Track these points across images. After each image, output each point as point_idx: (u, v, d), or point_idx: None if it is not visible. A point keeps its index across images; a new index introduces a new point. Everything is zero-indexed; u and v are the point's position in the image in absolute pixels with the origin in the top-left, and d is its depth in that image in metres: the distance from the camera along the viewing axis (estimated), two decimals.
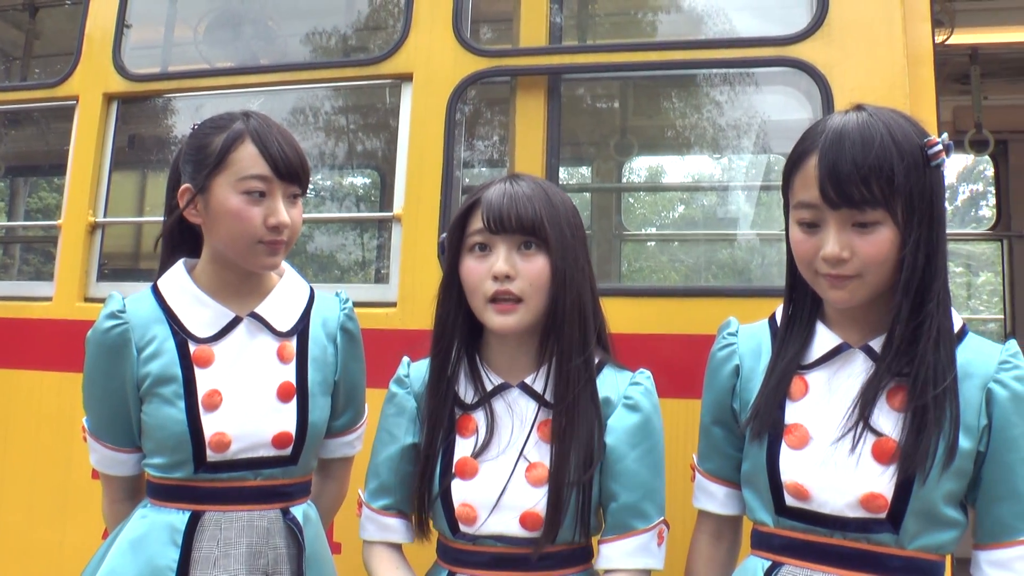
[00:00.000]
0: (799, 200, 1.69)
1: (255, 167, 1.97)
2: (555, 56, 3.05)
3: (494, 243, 1.87)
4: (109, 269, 3.58)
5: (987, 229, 7.00)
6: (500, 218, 1.84)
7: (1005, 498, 1.64)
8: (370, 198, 7.49)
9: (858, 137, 1.62)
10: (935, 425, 1.60)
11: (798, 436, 1.73)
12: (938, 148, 1.64)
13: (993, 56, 5.45)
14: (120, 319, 2.02)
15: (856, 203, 1.60)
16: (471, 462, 1.90)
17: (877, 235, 1.62)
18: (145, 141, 4.90)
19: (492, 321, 1.87)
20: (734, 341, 1.93)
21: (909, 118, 1.70)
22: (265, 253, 2.01)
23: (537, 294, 1.86)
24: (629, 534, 1.88)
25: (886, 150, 1.60)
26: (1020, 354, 1.69)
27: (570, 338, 1.88)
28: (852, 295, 1.67)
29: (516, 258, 1.86)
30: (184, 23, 4.33)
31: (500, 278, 1.84)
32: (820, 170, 1.63)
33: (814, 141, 1.68)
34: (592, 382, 1.91)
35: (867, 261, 1.63)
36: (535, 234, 1.85)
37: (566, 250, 1.87)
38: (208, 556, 1.96)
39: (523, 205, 1.85)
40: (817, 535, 1.70)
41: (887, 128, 1.63)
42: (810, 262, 1.69)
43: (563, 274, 1.86)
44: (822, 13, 2.73)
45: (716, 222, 6.15)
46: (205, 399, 1.99)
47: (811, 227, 1.68)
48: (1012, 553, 1.64)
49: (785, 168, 1.78)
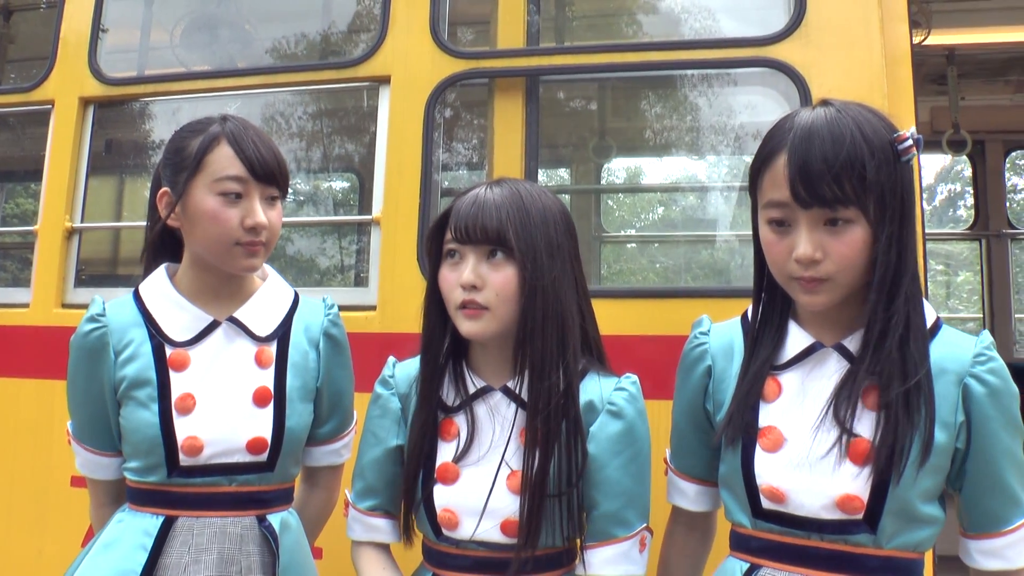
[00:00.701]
0: (769, 199, 1.67)
1: (230, 168, 1.96)
2: (533, 58, 3.04)
3: (464, 252, 1.86)
4: (87, 275, 3.56)
5: (965, 229, 7.06)
6: (466, 228, 1.84)
7: (992, 490, 1.66)
8: (349, 202, 7.47)
9: (828, 134, 1.59)
10: (907, 421, 1.60)
11: (772, 439, 1.72)
12: (908, 143, 1.62)
13: (970, 57, 5.50)
14: (99, 322, 2.02)
15: (828, 202, 1.58)
16: (452, 467, 1.89)
17: (849, 234, 1.60)
18: (122, 145, 4.86)
19: (461, 327, 1.87)
20: (706, 340, 1.92)
21: (878, 112, 1.68)
22: (243, 255, 1.99)
23: (503, 304, 1.83)
24: (610, 542, 1.87)
25: (857, 147, 1.58)
26: (994, 346, 1.69)
27: (544, 347, 1.84)
28: (827, 298, 1.65)
29: (484, 267, 1.84)
30: (160, 27, 4.30)
31: (466, 288, 1.83)
32: (790, 169, 1.60)
33: (782, 139, 1.65)
34: (572, 390, 1.87)
35: (840, 262, 1.61)
36: (501, 243, 1.83)
37: (536, 259, 1.83)
38: (179, 562, 1.95)
39: (489, 215, 1.83)
40: (794, 537, 1.70)
41: (856, 124, 1.61)
42: (783, 265, 1.67)
43: (532, 283, 1.83)
44: (800, 14, 2.74)
45: (695, 223, 6.17)
46: (178, 403, 1.98)
47: (781, 226, 1.66)
48: (1003, 542, 1.67)
49: (753, 166, 1.75)
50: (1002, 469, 1.65)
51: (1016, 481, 1.66)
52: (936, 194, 20.17)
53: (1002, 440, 1.64)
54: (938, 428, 1.63)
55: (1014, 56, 5.58)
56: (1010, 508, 1.66)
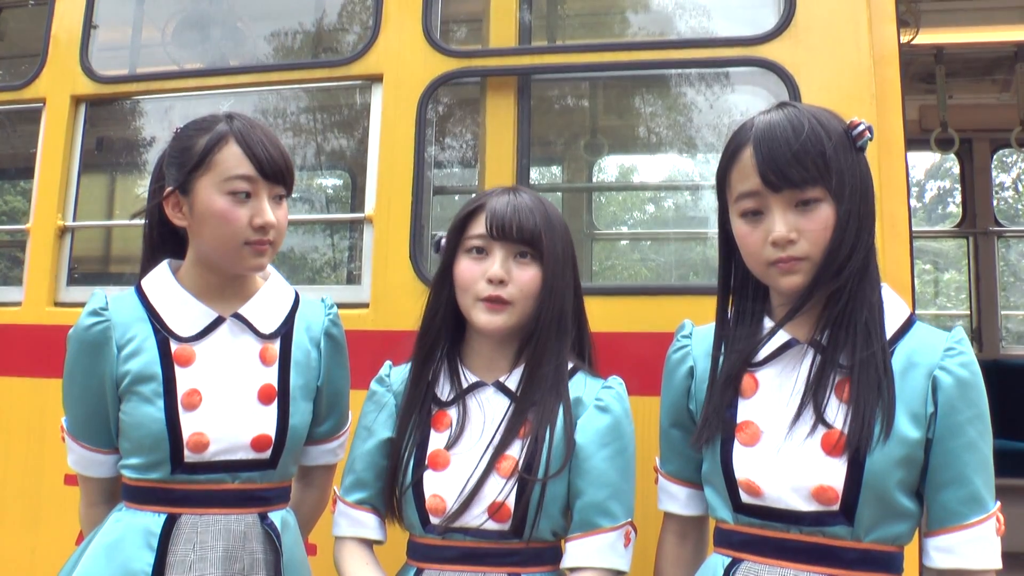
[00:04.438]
0: (740, 192, 1.76)
1: (240, 167, 1.97)
2: (525, 57, 3.06)
3: (492, 248, 1.96)
4: (79, 273, 3.55)
5: (953, 226, 7.10)
6: (503, 225, 1.94)
7: (950, 484, 1.67)
8: (341, 199, 7.47)
9: (787, 124, 1.71)
10: (865, 392, 1.65)
11: (749, 433, 1.77)
12: (861, 127, 1.74)
13: (957, 56, 5.53)
14: (102, 316, 2.01)
15: (796, 182, 1.67)
16: (443, 453, 1.95)
17: (819, 212, 1.69)
18: (114, 143, 4.85)
19: (479, 318, 1.95)
20: (688, 343, 1.97)
21: (832, 111, 1.79)
22: (251, 255, 2.00)
23: (525, 300, 1.95)
24: (595, 532, 1.90)
25: (815, 132, 1.70)
26: (965, 340, 1.73)
27: (546, 343, 1.96)
28: (804, 279, 1.70)
29: (511, 265, 1.95)
30: (152, 24, 4.29)
31: (495, 282, 1.93)
32: (757, 157, 1.71)
33: (745, 136, 1.76)
34: (563, 382, 1.97)
35: (813, 239, 1.68)
36: (532, 245, 1.95)
37: (556, 264, 1.97)
38: (184, 560, 1.95)
39: (526, 216, 1.95)
40: (774, 530, 1.73)
41: (812, 116, 1.73)
42: (759, 253, 1.74)
43: (551, 285, 1.96)
44: (789, 14, 2.76)
45: (686, 221, 6.18)
46: (185, 398, 1.98)
47: (755, 215, 1.74)
48: (958, 538, 1.66)
49: (720, 167, 1.84)
50: (962, 462, 1.66)
51: (979, 477, 1.66)
52: (926, 191, 20.24)
53: (967, 433, 1.66)
54: (909, 420, 1.66)
55: (1001, 55, 5.62)
56: (969, 504, 1.66)
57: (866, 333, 1.69)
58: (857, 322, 1.70)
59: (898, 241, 2.58)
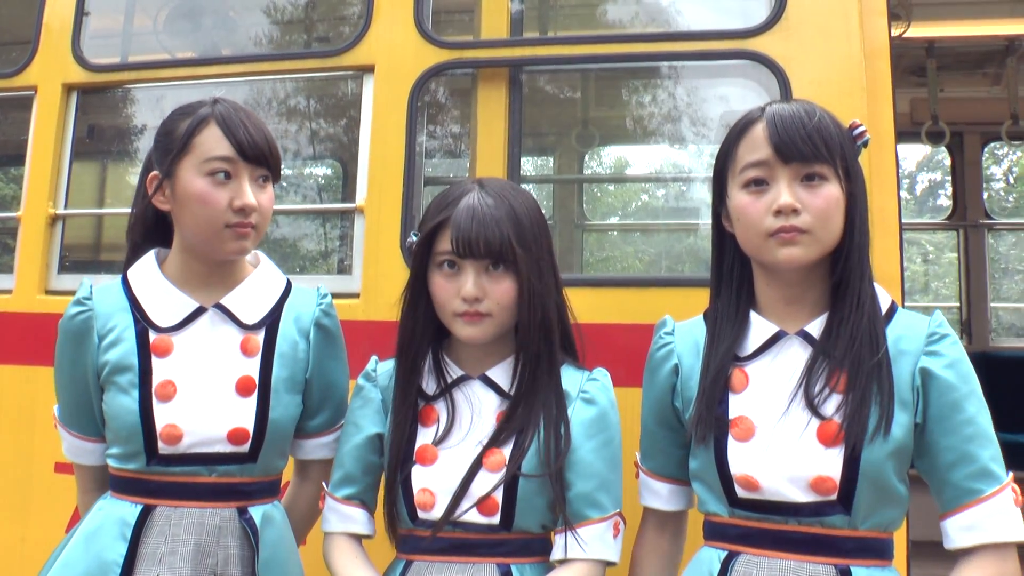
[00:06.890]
0: (747, 162, 1.78)
1: (219, 148, 1.95)
2: (516, 48, 3.06)
3: (463, 265, 1.91)
4: (70, 261, 3.54)
5: (943, 219, 7.12)
6: (468, 243, 1.87)
7: (958, 463, 1.69)
8: (332, 189, 7.46)
9: (801, 109, 1.78)
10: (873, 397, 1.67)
11: (743, 428, 1.77)
12: (862, 128, 1.82)
13: (949, 49, 5.53)
14: (84, 306, 2.02)
15: (806, 156, 1.71)
16: (431, 449, 1.94)
17: (825, 189, 1.72)
18: (105, 132, 4.84)
19: (460, 332, 1.93)
20: (671, 340, 1.97)
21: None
22: (232, 238, 1.97)
23: (504, 311, 1.92)
24: (583, 523, 1.90)
25: (826, 118, 1.78)
26: (946, 323, 1.76)
27: (535, 340, 1.93)
28: (804, 252, 1.72)
29: (484, 279, 1.90)
30: (144, 13, 4.28)
31: (469, 300, 1.89)
32: (770, 128, 1.76)
33: (757, 114, 1.82)
34: (555, 376, 1.96)
35: (816, 214, 1.71)
36: (503, 258, 1.89)
37: (532, 268, 1.92)
38: (154, 552, 1.93)
39: (491, 230, 1.88)
40: (772, 523, 1.74)
41: (821, 108, 1.80)
42: (760, 222, 1.75)
43: (529, 291, 1.91)
44: (780, 7, 2.77)
45: (677, 212, 6.19)
46: (158, 389, 1.97)
47: (758, 185, 1.76)
48: (978, 512, 1.67)
49: (725, 144, 1.87)
50: (965, 438, 1.68)
51: (985, 451, 1.68)
52: (916, 183, 20.26)
53: (965, 410, 1.69)
54: (899, 406, 1.69)
55: (992, 49, 5.62)
56: (981, 479, 1.67)
57: (865, 326, 1.72)
58: (855, 314, 1.73)
59: (888, 234, 2.59)
